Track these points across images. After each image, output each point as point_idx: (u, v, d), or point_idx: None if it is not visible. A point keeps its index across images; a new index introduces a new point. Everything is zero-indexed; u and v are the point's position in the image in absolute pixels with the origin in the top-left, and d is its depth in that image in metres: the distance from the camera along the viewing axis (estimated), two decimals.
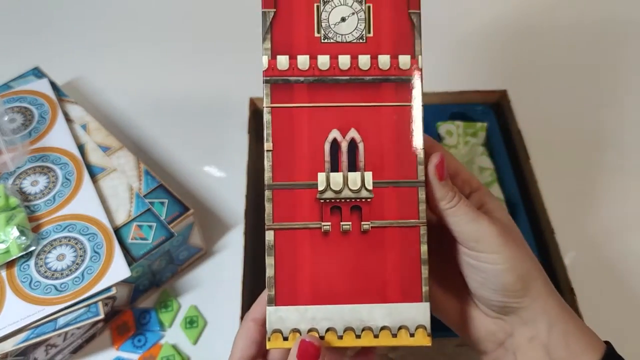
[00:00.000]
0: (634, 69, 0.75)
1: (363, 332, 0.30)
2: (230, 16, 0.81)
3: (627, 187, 0.64)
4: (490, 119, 0.62)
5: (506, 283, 0.32)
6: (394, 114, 0.31)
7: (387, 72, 0.31)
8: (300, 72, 0.31)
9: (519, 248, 0.32)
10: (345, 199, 0.31)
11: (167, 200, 0.54)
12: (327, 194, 0.31)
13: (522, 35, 0.79)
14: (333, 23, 0.32)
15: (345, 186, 0.31)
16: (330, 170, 0.31)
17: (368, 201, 0.31)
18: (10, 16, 0.82)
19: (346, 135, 0.31)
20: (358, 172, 0.31)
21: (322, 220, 0.31)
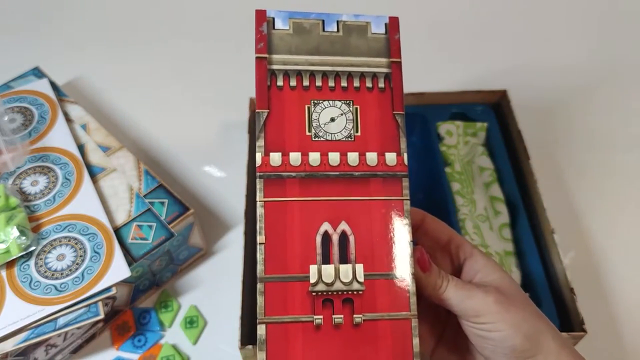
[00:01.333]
0: (635, 68, 0.75)
1: None
2: (230, 16, 0.81)
3: (627, 187, 0.64)
4: (490, 119, 0.62)
5: (514, 345, 0.32)
6: (382, 207, 0.32)
7: (374, 168, 0.33)
8: (292, 167, 0.33)
9: (520, 309, 0.33)
10: (337, 291, 0.31)
11: (167, 200, 0.54)
12: (319, 286, 0.31)
13: (522, 35, 0.79)
14: (323, 123, 0.33)
15: (337, 278, 0.31)
16: (322, 262, 0.31)
17: (360, 293, 0.31)
18: (10, 16, 0.82)
19: (337, 227, 0.32)
20: (349, 264, 0.32)
21: (314, 313, 0.31)
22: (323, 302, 0.31)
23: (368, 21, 0.35)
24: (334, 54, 0.34)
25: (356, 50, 0.34)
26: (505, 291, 0.34)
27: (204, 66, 0.76)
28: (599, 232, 0.60)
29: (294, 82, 0.33)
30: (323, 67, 0.34)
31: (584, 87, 0.73)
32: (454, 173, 0.58)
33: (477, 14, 0.82)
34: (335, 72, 0.34)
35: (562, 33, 0.79)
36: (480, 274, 0.36)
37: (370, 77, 0.34)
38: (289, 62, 0.33)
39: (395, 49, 0.35)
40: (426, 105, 0.63)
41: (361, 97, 0.34)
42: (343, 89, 0.34)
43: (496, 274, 0.35)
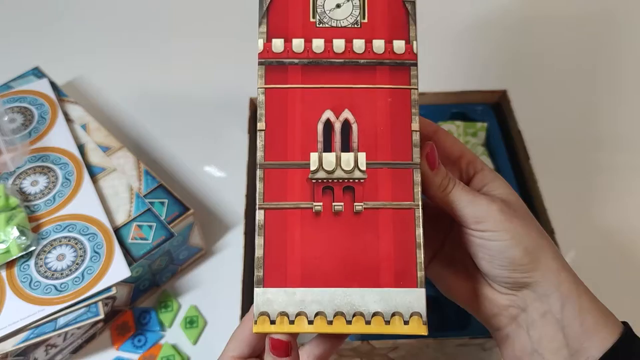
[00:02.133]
0: (634, 68, 0.75)
1: (354, 318, 0.29)
2: (230, 16, 0.81)
3: (627, 187, 0.64)
4: (490, 119, 0.62)
5: (513, 257, 0.32)
6: (388, 96, 0.31)
7: (381, 55, 0.32)
8: (294, 54, 0.32)
9: (524, 222, 0.32)
10: (338, 179, 0.31)
11: (167, 200, 0.54)
12: (319, 174, 0.30)
13: (523, 35, 0.79)
14: (328, 9, 0.32)
15: (338, 166, 0.31)
16: (322, 150, 0.31)
17: (361, 182, 0.31)
18: (11, 16, 0.82)
19: (340, 115, 0.31)
20: (351, 153, 0.31)
21: (314, 200, 0.30)
22: (323, 189, 0.30)
23: None
24: None
25: None
26: (510, 204, 0.33)
27: (203, 66, 0.76)
28: (599, 232, 0.60)
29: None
30: None
31: (584, 87, 0.73)
32: None
33: (477, 13, 0.82)
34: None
35: (562, 33, 0.79)
36: (487, 187, 0.35)
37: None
38: None
39: None
40: (426, 105, 0.63)
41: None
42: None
43: (503, 188, 0.34)
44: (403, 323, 0.29)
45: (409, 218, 0.30)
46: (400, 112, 0.31)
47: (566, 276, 0.33)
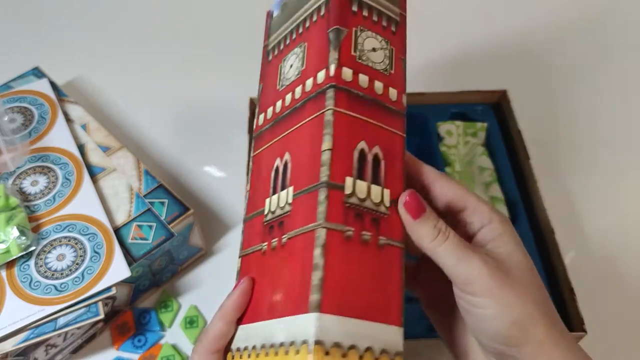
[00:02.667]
0: (634, 68, 0.75)
1: None
2: (230, 16, 0.81)
3: (627, 187, 0.64)
4: (490, 119, 0.62)
5: (497, 330, 0.29)
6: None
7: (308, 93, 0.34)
8: (266, 121, 0.37)
9: (518, 290, 0.29)
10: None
11: (167, 200, 0.54)
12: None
13: (523, 35, 0.79)
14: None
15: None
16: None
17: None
18: (11, 16, 0.82)
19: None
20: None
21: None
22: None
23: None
24: None
25: None
26: (509, 267, 0.30)
27: (204, 66, 0.76)
28: (599, 232, 0.60)
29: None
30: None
31: (584, 87, 0.73)
32: (454, 173, 0.58)
33: (478, 13, 0.82)
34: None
35: (562, 33, 0.79)
36: (491, 243, 0.31)
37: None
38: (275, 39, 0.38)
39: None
40: (426, 105, 0.63)
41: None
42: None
43: (510, 245, 0.31)
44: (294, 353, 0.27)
45: (311, 239, 0.29)
46: (317, 138, 0.31)
47: (561, 351, 0.29)
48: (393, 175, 0.32)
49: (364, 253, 0.29)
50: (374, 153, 0.32)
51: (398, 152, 0.33)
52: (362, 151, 0.32)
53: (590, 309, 0.49)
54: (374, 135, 0.32)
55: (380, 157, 0.32)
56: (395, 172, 0.32)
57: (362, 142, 0.32)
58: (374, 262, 0.29)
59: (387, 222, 0.30)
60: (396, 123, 0.34)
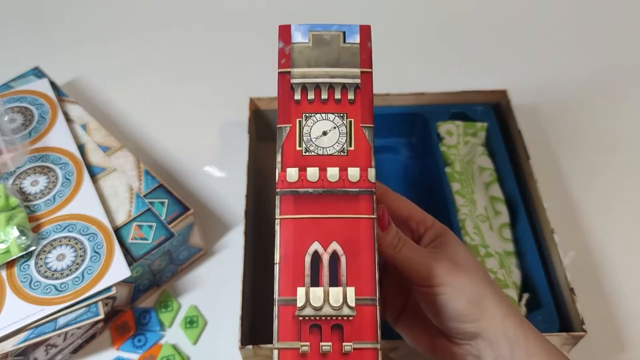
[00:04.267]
0: (635, 68, 0.75)
1: None
2: (230, 17, 0.81)
3: (626, 187, 0.64)
4: (490, 119, 0.62)
5: (456, 310, 0.34)
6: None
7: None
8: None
9: (467, 274, 0.35)
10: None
11: (167, 200, 0.54)
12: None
13: (523, 35, 0.79)
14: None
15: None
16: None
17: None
18: (11, 16, 0.82)
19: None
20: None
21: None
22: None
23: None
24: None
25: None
26: (455, 258, 0.35)
27: (204, 66, 0.76)
28: (599, 232, 0.60)
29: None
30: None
31: (584, 87, 0.73)
32: (454, 173, 0.58)
33: (478, 13, 0.82)
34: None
35: (562, 33, 0.79)
36: (436, 241, 0.37)
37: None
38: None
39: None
40: (426, 105, 0.63)
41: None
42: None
43: (451, 242, 0.37)
44: None
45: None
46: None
47: (512, 322, 0.34)
48: (358, 268, 0.29)
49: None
50: (331, 250, 0.30)
51: (365, 239, 0.30)
52: (315, 253, 0.30)
53: (590, 309, 0.49)
54: (330, 231, 0.30)
55: (339, 253, 0.30)
56: (361, 264, 0.29)
57: (315, 243, 0.30)
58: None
59: (352, 324, 0.29)
60: (360, 206, 0.30)
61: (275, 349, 0.28)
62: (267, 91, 0.61)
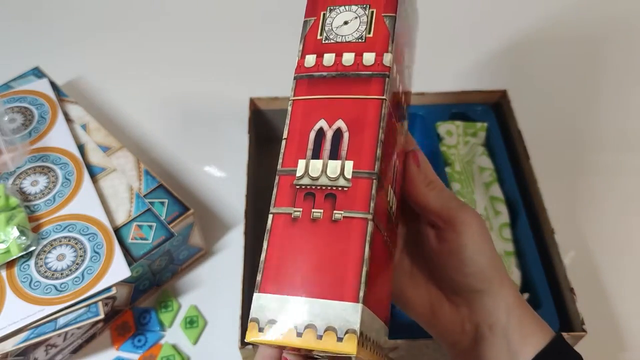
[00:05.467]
0: (634, 68, 0.75)
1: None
2: (230, 17, 0.81)
3: (626, 187, 0.64)
4: (490, 119, 0.62)
5: (476, 265, 0.34)
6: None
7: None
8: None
9: (487, 239, 0.35)
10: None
11: (167, 200, 0.54)
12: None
13: (523, 35, 0.79)
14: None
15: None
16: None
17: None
18: (11, 16, 0.82)
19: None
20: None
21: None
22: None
23: None
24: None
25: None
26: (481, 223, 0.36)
27: (204, 66, 0.76)
28: (599, 232, 0.60)
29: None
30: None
31: (584, 87, 0.73)
32: (454, 173, 0.58)
33: (478, 13, 0.82)
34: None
35: (562, 33, 0.79)
36: None
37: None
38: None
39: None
40: (426, 105, 0.63)
41: None
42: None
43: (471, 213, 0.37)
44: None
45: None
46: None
47: (513, 288, 0.35)
48: (360, 144, 0.31)
49: (314, 231, 0.29)
50: (336, 128, 0.31)
51: (371, 118, 0.31)
52: (319, 130, 0.31)
53: (590, 309, 0.49)
54: (337, 110, 0.32)
55: (343, 130, 0.31)
56: (363, 140, 0.31)
57: (321, 120, 0.31)
58: (325, 239, 0.29)
59: (346, 194, 0.30)
60: (371, 88, 0.32)
61: (270, 214, 0.30)
62: (267, 91, 0.61)
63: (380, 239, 0.31)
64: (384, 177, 0.31)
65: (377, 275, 0.30)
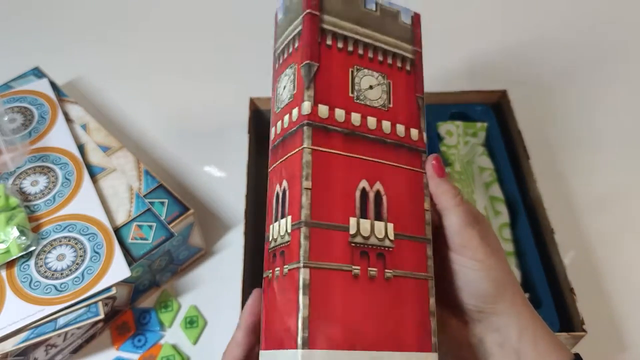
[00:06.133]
0: (634, 68, 0.75)
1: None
2: (230, 17, 0.81)
3: (626, 187, 0.64)
4: (490, 119, 0.62)
5: (482, 288, 0.34)
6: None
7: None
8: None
9: (497, 255, 0.34)
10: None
11: (167, 200, 0.54)
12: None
13: (523, 35, 0.79)
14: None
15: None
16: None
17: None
18: (11, 16, 0.82)
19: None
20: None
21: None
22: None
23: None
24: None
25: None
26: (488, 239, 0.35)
27: (204, 66, 0.76)
28: (599, 232, 0.60)
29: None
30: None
31: (584, 87, 0.73)
32: (454, 173, 0.58)
33: (478, 13, 0.82)
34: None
35: (562, 33, 0.79)
36: None
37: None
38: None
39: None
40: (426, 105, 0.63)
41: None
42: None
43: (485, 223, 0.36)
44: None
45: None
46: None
47: (525, 309, 0.35)
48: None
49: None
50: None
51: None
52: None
53: (590, 309, 0.49)
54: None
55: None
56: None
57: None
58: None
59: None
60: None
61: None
62: (267, 91, 0.61)
63: None
64: None
65: None
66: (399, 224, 0.33)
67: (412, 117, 0.36)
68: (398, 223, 0.33)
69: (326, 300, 0.30)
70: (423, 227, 0.34)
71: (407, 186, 0.34)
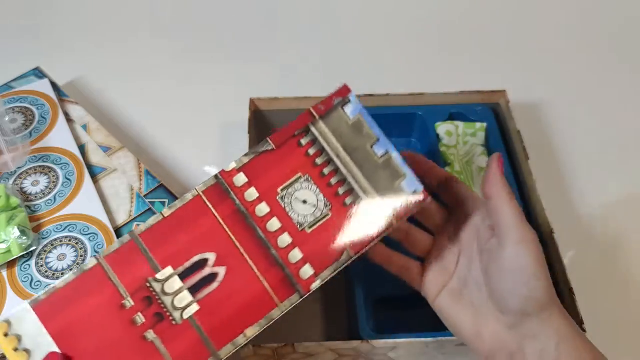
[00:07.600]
0: (634, 68, 0.75)
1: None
2: (230, 17, 0.81)
3: (626, 187, 0.64)
4: (489, 119, 0.62)
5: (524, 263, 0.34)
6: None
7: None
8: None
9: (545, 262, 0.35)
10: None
11: (167, 200, 0.54)
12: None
13: (523, 35, 0.79)
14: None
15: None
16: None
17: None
18: (11, 16, 0.82)
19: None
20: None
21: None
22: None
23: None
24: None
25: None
26: None
27: (204, 66, 0.76)
28: (598, 232, 0.60)
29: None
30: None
31: (584, 87, 0.73)
32: (454, 173, 0.58)
33: (477, 13, 0.82)
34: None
35: (562, 33, 0.80)
36: None
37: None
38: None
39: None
40: (426, 105, 0.63)
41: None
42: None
43: None
44: None
45: None
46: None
47: (567, 319, 0.35)
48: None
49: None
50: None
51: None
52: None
53: (590, 309, 0.49)
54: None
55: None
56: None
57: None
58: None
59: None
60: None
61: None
62: (267, 91, 0.61)
63: None
64: None
65: None
66: (207, 312, 0.32)
67: (323, 259, 0.34)
68: (206, 311, 0.32)
69: None
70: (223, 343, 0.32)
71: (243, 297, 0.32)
